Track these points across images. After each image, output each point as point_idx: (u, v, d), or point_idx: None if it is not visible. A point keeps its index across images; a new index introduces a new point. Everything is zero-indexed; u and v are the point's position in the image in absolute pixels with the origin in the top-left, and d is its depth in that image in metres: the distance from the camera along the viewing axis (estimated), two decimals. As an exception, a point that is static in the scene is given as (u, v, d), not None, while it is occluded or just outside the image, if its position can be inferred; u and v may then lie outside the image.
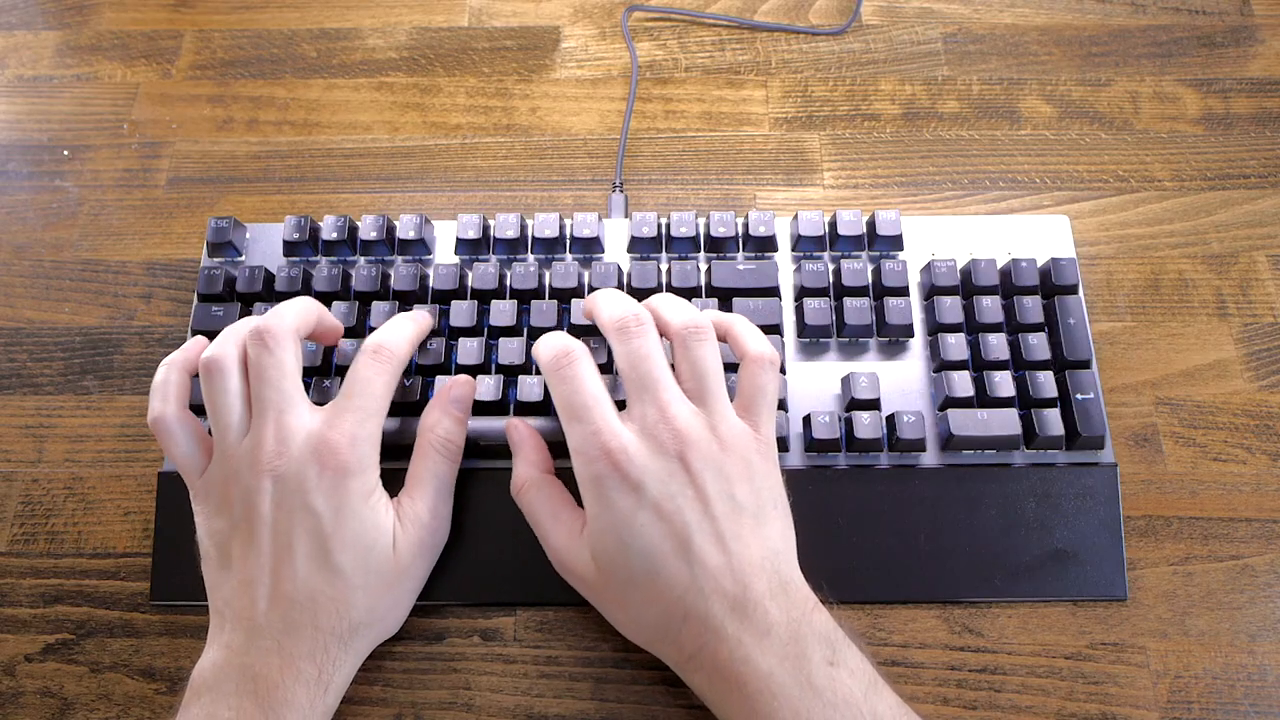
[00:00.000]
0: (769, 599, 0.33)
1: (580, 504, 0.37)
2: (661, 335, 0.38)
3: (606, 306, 0.38)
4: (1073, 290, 0.44)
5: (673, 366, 0.37)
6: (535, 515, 0.38)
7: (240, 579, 0.36)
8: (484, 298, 0.45)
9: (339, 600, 0.35)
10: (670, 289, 0.45)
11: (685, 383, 0.37)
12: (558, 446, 0.39)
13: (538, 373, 0.42)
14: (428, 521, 0.38)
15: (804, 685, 0.32)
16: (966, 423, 0.41)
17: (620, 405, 0.37)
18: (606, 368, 0.42)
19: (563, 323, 0.44)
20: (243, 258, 0.47)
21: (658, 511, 0.34)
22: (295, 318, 0.38)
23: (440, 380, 0.42)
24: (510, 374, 0.43)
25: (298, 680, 0.34)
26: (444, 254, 0.47)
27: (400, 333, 0.39)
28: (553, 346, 0.37)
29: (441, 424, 0.39)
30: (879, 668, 0.34)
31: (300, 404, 0.37)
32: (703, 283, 0.45)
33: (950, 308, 0.44)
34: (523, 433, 0.40)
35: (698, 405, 0.36)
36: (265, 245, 0.48)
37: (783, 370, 0.43)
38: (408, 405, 0.42)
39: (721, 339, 0.38)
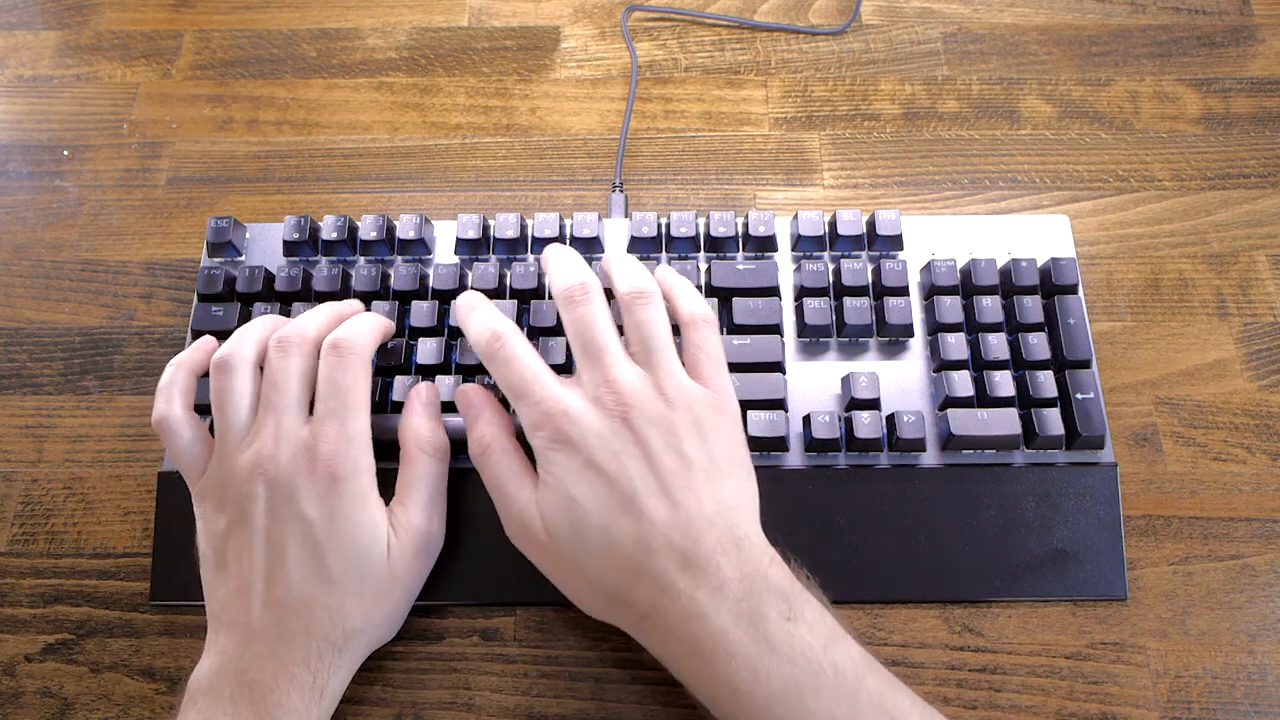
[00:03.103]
0: (720, 554, 0.33)
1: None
2: (611, 300, 0.38)
3: (557, 273, 0.38)
4: (1073, 290, 0.44)
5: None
6: (497, 479, 0.37)
7: (235, 584, 0.36)
8: (484, 298, 0.45)
9: (333, 607, 0.35)
10: (670, 289, 0.45)
11: (632, 347, 0.37)
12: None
13: None
14: (421, 526, 0.38)
15: (759, 642, 0.31)
16: (966, 422, 0.41)
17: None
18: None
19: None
20: (243, 258, 0.47)
21: (600, 470, 0.34)
22: (319, 328, 0.39)
23: (440, 381, 0.42)
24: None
25: (292, 686, 0.34)
26: (444, 254, 0.47)
27: (359, 325, 0.39)
28: (482, 327, 0.37)
29: (423, 427, 0.40)
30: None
31: (300, 411, 0.37)
32: (703, 282, 0.45)
33: (950, 307, 0.44)
34: (475, 396, 0.39)
35: (644, 368, 0.36)
36: (265, 245, 0.48)
37: (783, 370, 0.43)
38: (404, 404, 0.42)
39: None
